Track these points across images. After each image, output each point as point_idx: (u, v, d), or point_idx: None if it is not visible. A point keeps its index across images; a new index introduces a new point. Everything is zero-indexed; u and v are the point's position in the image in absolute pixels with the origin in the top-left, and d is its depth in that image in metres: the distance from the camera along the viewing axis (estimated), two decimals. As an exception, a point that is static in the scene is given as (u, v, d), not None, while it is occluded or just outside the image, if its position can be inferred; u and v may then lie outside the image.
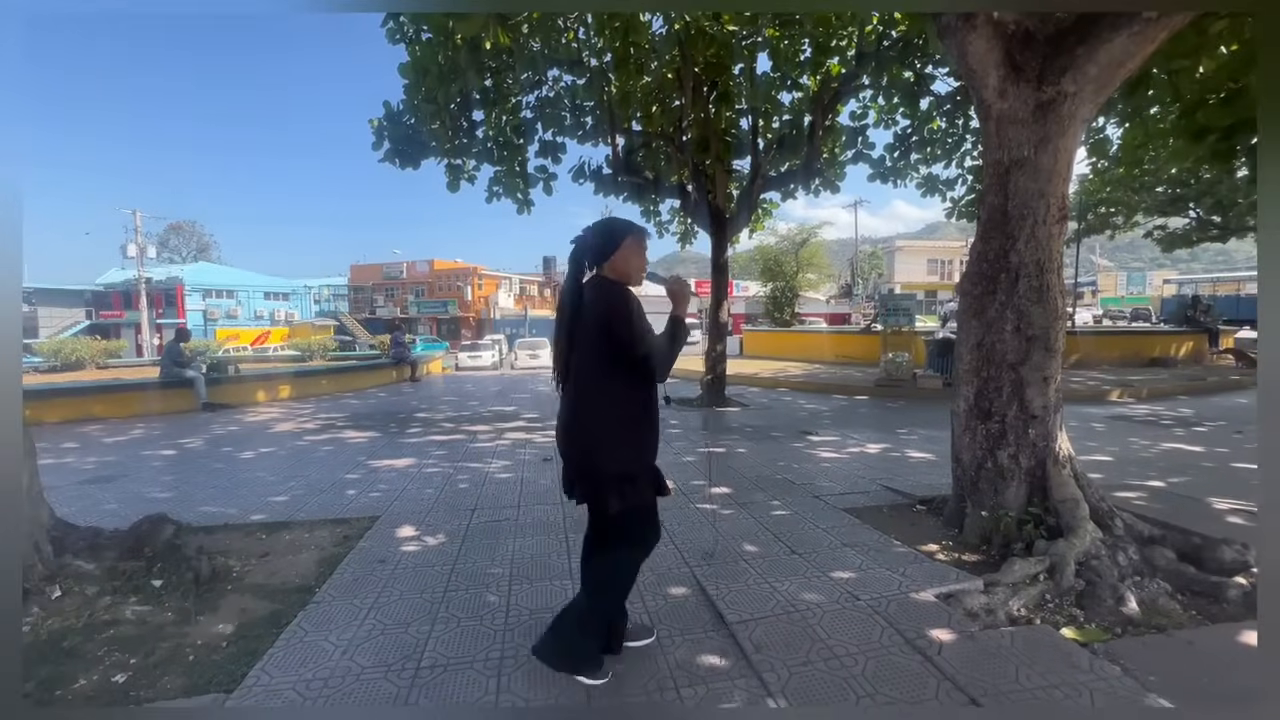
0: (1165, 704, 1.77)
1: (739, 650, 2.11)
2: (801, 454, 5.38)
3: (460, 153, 8.23)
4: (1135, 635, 2.18)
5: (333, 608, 2.51)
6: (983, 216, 3.14)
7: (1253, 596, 2.42)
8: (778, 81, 8.25)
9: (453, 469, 5.03)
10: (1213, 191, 11.74)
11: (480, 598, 2.60)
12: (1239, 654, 2.06)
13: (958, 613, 2.32)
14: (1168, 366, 12.13)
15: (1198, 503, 3.71)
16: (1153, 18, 2.54)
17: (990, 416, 3.07)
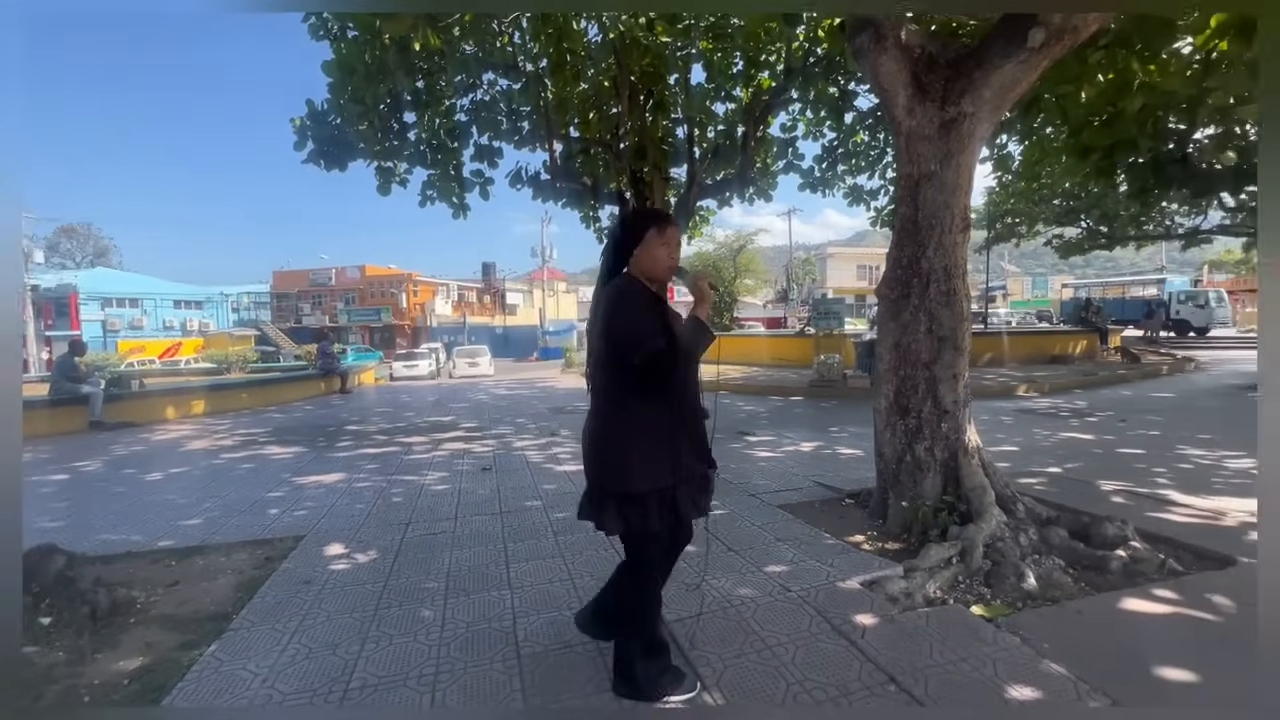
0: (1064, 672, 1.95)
1: (676, 648, 2.16)
2: (739, 454, 5.53)
3: (391, 155, 7.97)
4: (1033, 608, 2.39)
5: (252, 634, 2.36)
6: (897, 225, 3.36)
7: (1132, 567, 2.70)
8: (712, 92, 8.49)
9: (385, 483, 4.84)
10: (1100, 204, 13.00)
11: (414, 614, 2.52)
12: (1118, 619, 2.30)
13: (880, 598, 2.46)
14: (1066, 363, 13.31)
15: (1088, 485, 4.09)
16: (1036, 47, 2.81)
17: (908, 412, 3.28)
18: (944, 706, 1.78)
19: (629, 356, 1.63)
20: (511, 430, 7.47)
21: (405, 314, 42.87)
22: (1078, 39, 2.88)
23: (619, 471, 1.70)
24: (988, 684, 1.88)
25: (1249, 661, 1.98)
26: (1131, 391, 9.67)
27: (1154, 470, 4.54)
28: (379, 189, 8.17)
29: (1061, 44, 2.86)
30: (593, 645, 2.18)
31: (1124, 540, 2.85)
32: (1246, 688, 1.83)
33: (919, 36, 3.21)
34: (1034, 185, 11.84)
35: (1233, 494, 3.85)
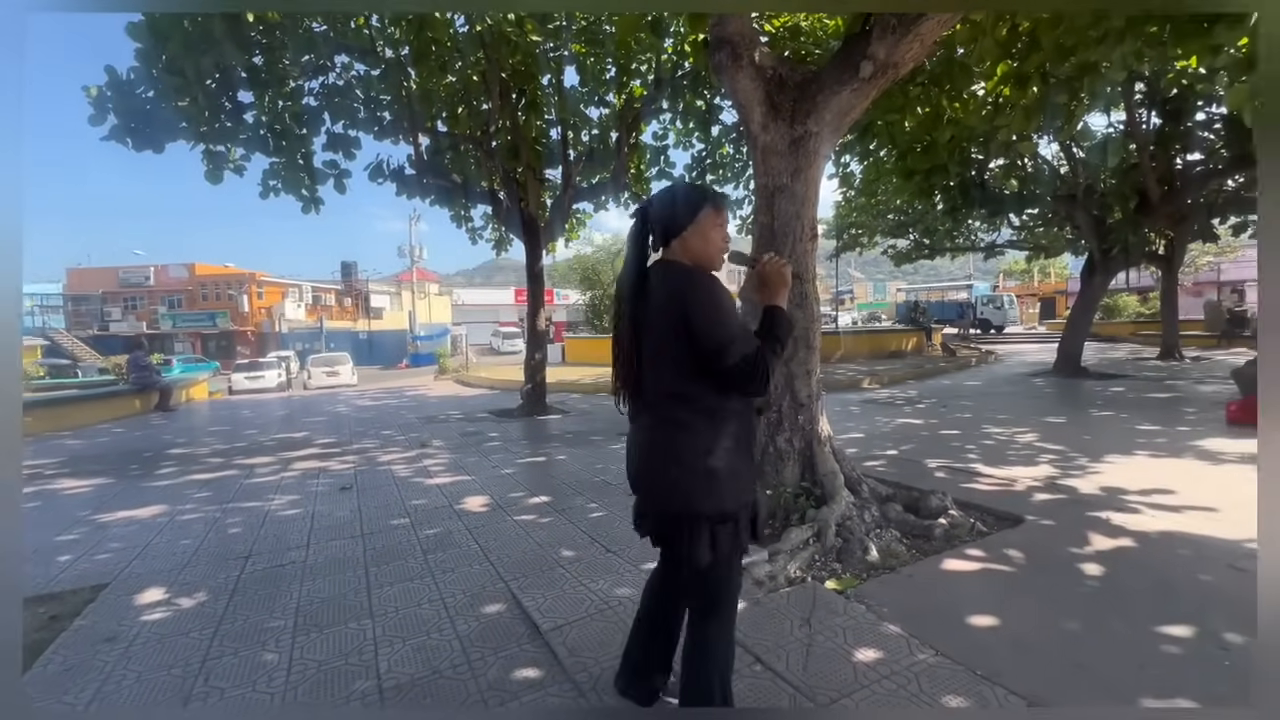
0: (899, 631, 2.20)
1: (553, 657, 2.11)
2: (619, 455, 5.59)
3: (223, 138, 6.99)
4: (875, 577, 2.68)
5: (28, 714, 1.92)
6: (756, 233, 3.60)
7: (951, 533, 3.13)
8: (585, 96, 8.52)
9: (220, 512, 4.23)
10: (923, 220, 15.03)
11: (254, 659, 2.22)
12: (940, 579, 2.65)
13: (747, 583, 2.61)
14: (900, 358, 15.22)
15: (918, 464, 4.69)
16: (866, 78, 3.16)
17: (769, 407, 3.52)
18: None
19: (725, 357, 1.40)
20: (376, 444, 6.90)
21: (248, 319, 37.96)
22: (898, 74, 3.29)
23: (712, 489, 1.44)
24: (839, 651, 2.07)
25: (1034, 601, 2.39)
26: (949, 381, 11.28)
27: (966, 447, 5.33)
28: (207, 176, 7.14)
29: (886, 77, 3.25)
30: (466, 669, 2.07)
31: (945, 510, 3.30)
32: (1037, 623, 2.21)
33: (771, 59, 3.47)
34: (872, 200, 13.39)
35: (1022, 464, 4.63)
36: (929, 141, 6.88)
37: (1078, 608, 2.35)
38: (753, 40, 3.38)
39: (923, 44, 3.15)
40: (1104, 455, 4.79)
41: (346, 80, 7.72)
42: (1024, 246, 17.46)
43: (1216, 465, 4.42)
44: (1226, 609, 2.28)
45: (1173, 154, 10.15)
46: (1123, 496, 3.71)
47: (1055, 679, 1.89)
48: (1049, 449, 5.13)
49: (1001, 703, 1.78)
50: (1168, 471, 4.27)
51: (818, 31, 6.81)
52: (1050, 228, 14.99)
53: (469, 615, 2.47)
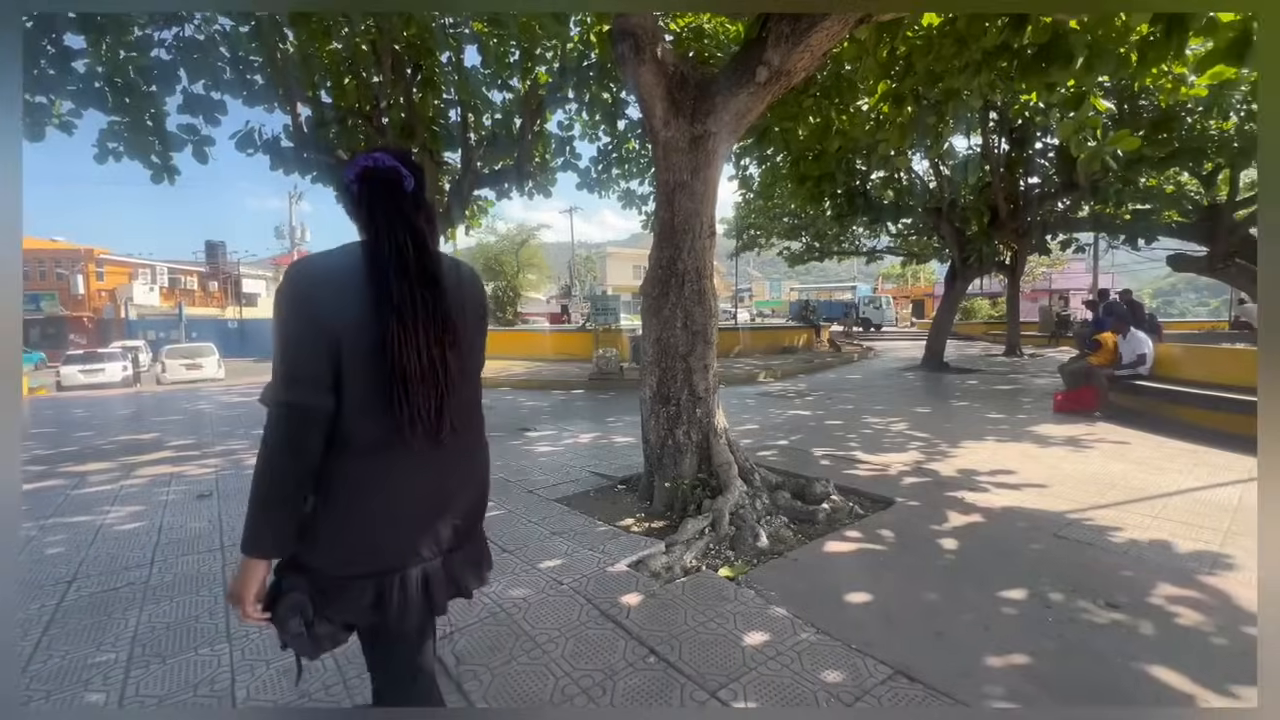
0: (786, 614, 2.30)
1: (441, 666, 2.00)
2: (519, 451, 5.45)
3: (44, 88, 5.92)
4: (764, 563, 2.81)
5: None
6: (657, 229, 3.63)
7: (833, 517, 3.36)
8: (488, 78, 8.16)
9: (35, 529, 3.58)
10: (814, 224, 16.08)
11: (74, 702, 1.89)
12: (823, 561, 2.83)
13: (644, 576, 2.64)
14: (792, 353, 16.20)
15: (806, 453, 5.00)
16: (761, 83, 3.28)
17: (669, 400, 3.58)
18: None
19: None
20: (245, 445, 6.21)
21: (84, 303, 32.72)
22: (791, 82, 3.45)
23: None
24: (729, 637, 2.14)
25: (902, 576, 2.62)
26: (835, 375, 12.17)
27: (848, 436, 5.76)
28: (27, 134, 6.02)
29: (780, 83, 3.39)
30: (340, 689, 1.90)
31: (827, 495, 3.53)
32: (904, 597, 2.42)
33: (673, 56, 3.50)
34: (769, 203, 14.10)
35: (895, 450, 5.08)
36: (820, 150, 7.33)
37: (937, 580, 2.60)
38: (656, 35, 3.38)
39: (813, 55, 3.31)
40: (960, 441, 5.38)
41: (208, 35, 6.81)
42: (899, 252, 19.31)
43: (1046, 448, 5.11)
44: (1052, 573, 2.63)
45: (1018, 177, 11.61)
46: (975, 477, 4.18)
47: (918, 647, 2.07)
48: (917, 436, 5.67)
49: (871, 672, 1.92)
50: (1010, 454, 4.88)
51: (720, 35, 7.00)
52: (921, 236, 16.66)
53: (346, 629, 2.27)
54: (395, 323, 1.07)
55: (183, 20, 6.63)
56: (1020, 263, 14.63)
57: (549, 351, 16.49)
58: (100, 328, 31.89)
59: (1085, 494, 3.77)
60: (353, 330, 1.07)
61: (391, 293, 1.08)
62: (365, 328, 1.07)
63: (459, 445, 1.21)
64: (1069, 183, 10.59)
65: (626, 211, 10.12)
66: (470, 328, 1.23)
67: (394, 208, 1.14)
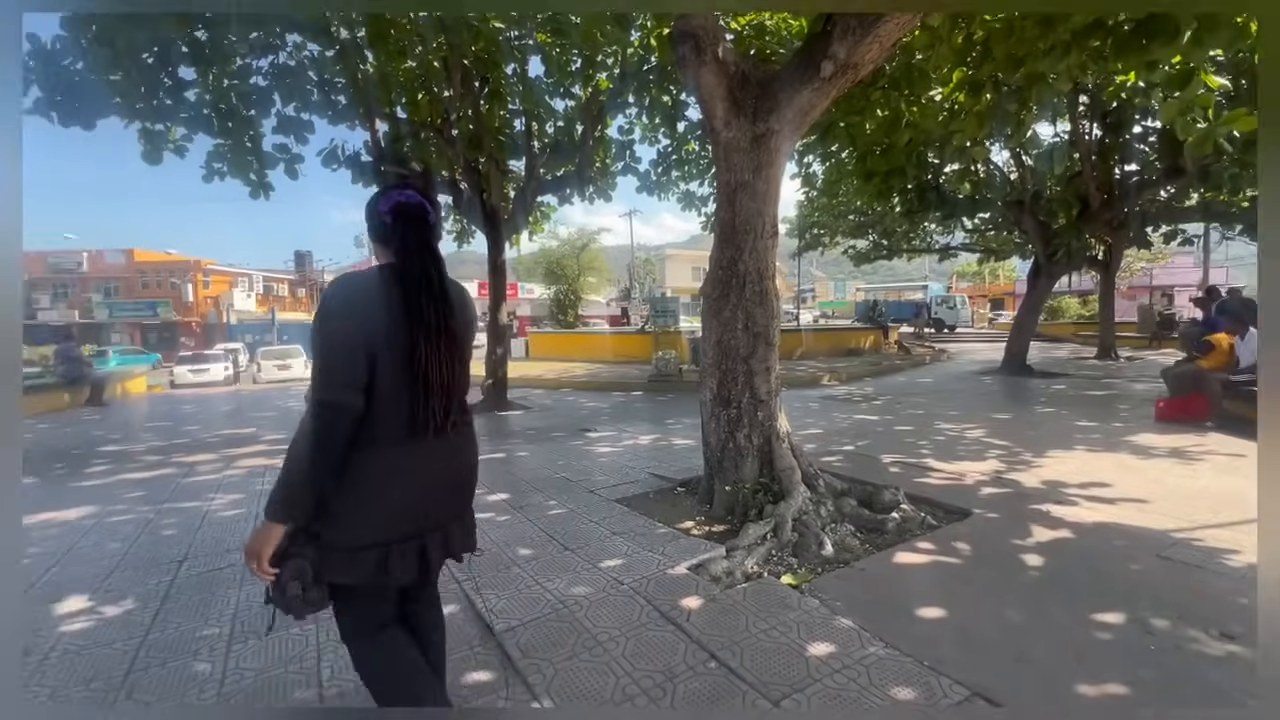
0: (852, 625, 2.23)
1: (506, 659, 2.06)
2: (580, 451, 5.54)
3: (161, 116, 6.61)
4: (829, 571, 2.72)
5: (-79, 735, 1.76)
6: (718, 230, 3.60)
7: (903, 527, 3.21)
8: (550, 87, 8.38)
9: (153, 513, 3.99)
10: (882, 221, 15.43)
11: (185, 669, 2.09)
12: (892, 572, 2.71)
13: (704, 580, 2.62)
14: (858, 355, 15.62)
15: (873, 459, 4.81)
16: (826, 77, 3.19)
17: (730, 403, 3.54)
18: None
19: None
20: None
21: (192, 309, 36.10)
22: (859, 75, 3.33)
23: None
24: (793, 646, 2.09)
25: (979, 592, 2.47)
26: (904, 378, 11.63)
27: (919, 443, 5.49)
28: (145, 156, 6.75)
29: (846, 77, 3.28)
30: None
31: (897, 504, 3.38)
32: (981, 615, 2.28)
33: (734, 55, 3.47)
34: (834, 201, 13.67)
35: (971, 459, 4.79)
36: (888, 144, 7.03)
37: (1019, 598, 2.43)
38: (716, 35, 3.36)
39: (881, 46, 3.19)
40: (1046, 450, 5.01)
41: (298, 60, 7.38)
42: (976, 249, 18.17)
43: (1147, 460, 4.67)
44: (1154, 597, 2.40)
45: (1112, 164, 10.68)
46: (1063, 489, 3.88)
47: (999, 669, 1.95)
48: (996, 444, 5.33)
49: (946, 692, 1.82)
50: (1103, 465, 4.49)
51: (782, 31, 6.87)
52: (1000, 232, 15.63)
53: (419, 618, 2.39)
54: (422, 336, 1.27)
55: (276, 49, 7.22)
56: (1116, 257, 13.45)
57: (608, 354, 16.69)
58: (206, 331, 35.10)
59: (1194, 511, 3.41)
60: (382, 341, 1.25)
61: (420, 311, 1.28)
62: (393, 339, 1.26)
63: (456, 435, 1.42)
64: (1173, 168, 9.63)
65: (686, 213, 10.11)
66: (466, 335, 1.44)
67: (422, 239, 1.34)
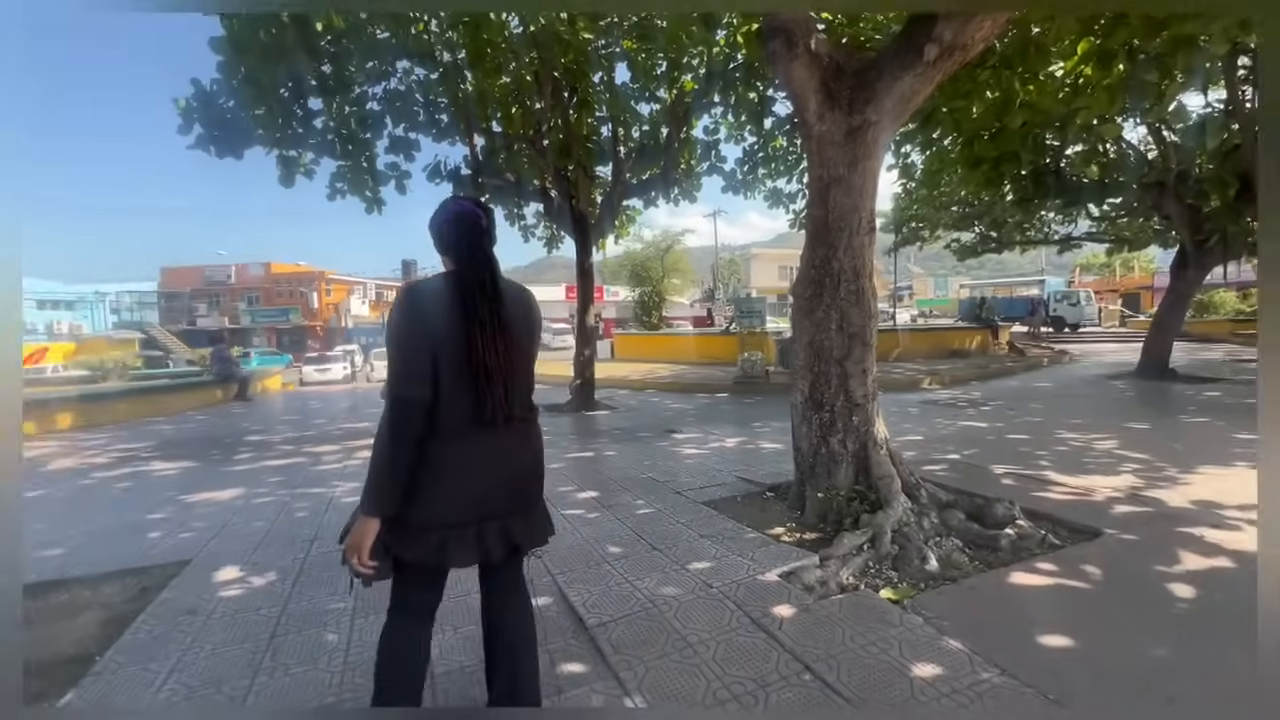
0: (960, 647, 2.07)
1: (598, 653, 2.12)
2: (666, 452, 5.57)
3: (295, 143, 7.40)
4: (934, 588, 2.54)
5: (117, 677, 2.09)
6: (810, 228, 3.48)
7: (1019, 544, 2.94)
8: (636, 92, 8.51)
9: (289, 496, 4.48)
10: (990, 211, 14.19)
11: (316, 638, 2.33)
12: (1007, 593, 2.49)
13: (797, 588, 2.54)
14: (963, 357, 14.47)
15: (982, 469, 4.44)
16: (930, 61, 2.99)
17: (822, 407, 3.41)
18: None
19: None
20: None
21: (317, 314, 40.16)
22: (967, 56, 3.10)
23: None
24: (894, 665, 1.98)
25: (1114, 623, 2.21)
26: (1018, 382, 10.64)
27: (1037, 453, 5.00)
28: (281, 179, 7.58)
29: (953, 60, 3.07)
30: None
31: (1012, 519, 3.10)
32: (1117, 648, 2.04)
33: (827, 46, 3.34)
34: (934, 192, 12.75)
35: (1101, 472, 4.30)
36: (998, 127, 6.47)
37: (1165, 633, 2.15)
38: (809, 28, 3.26)
39: (995, 22, 2.95)
40: (1196, 465, 4.39)
41: (407, 85, 8.00)
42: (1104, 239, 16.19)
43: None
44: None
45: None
46: (1219, 511, 3.38)
47: (1142, 712, 1.73)
48: (1132, 457, 4.74)
49: (1076, 731, 1.65)
50: (1272, 485, 3.86)
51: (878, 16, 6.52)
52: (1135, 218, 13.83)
53: (517, 607, 2.51)
54: (476, 335, 1.38)
55: (388, 75, 7.87)
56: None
57: (692, 355, 16.64)
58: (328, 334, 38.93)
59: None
60: (445, 339, 1.37)
61: (474, 311, 1.39)
62: (455, 337, 1.38)
63: (517, 426, 1.50)
64: (1367, 136, 8.08)
65: (772, 212, 9.86)
66: (527, 334, 1.52)
67: (477, 245, 1.47)
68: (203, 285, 41.54)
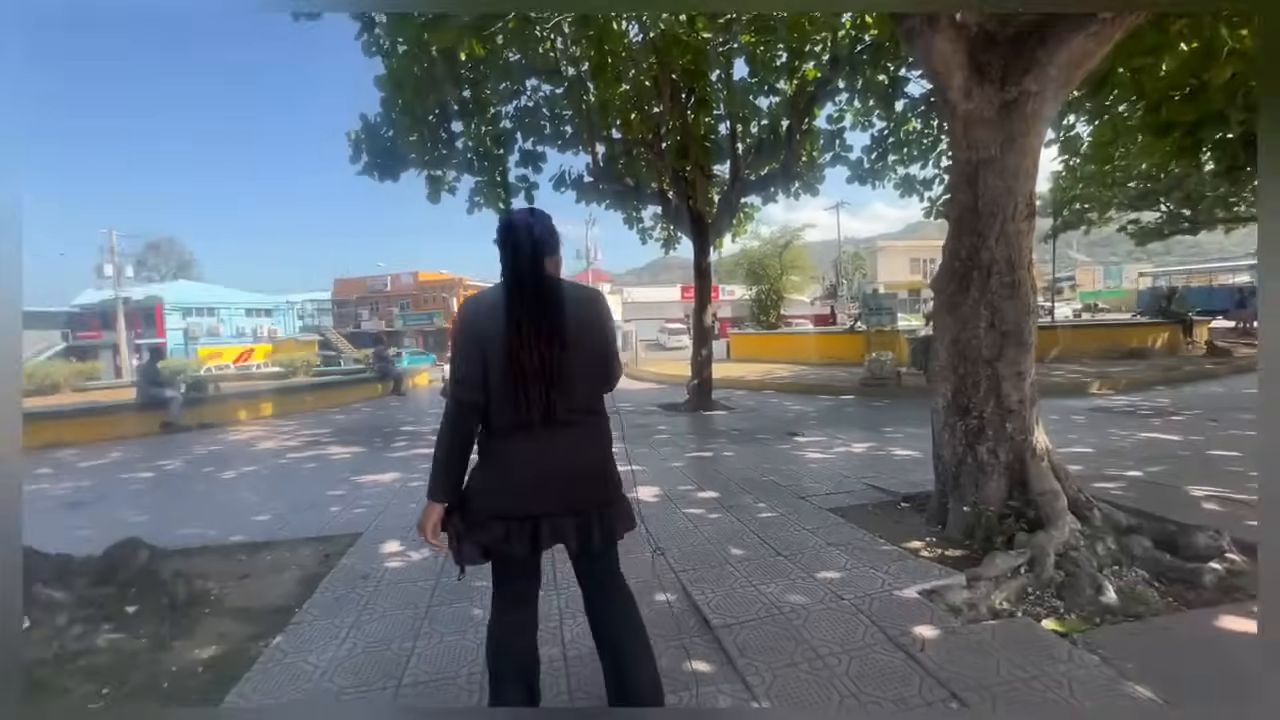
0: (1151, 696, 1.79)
1: (724, 655, 2.11)
2: (787, 455, 5.40)
3: (440, 164, 8.21)
4: (1114, 624, 2.20)
5: (313, 628, 2.47)
6: (953, 215, 3.18)
7: (1228, 581, 2.46)
8: (754, 86, 8.34)
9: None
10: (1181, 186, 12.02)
11: (465, 612, 2.57)
12: (1215, 638, 2.09)
13: (940, 608, 2.33)
14: (1144, 357, 12.36)
15: (1174, 491, 3.77)
16: (1109, 18, 2.60)
17: (969, 412, 3.10)
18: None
19: (617, 371, 1.66)
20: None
21: (456, 318, 44.20)
22: (1158, 6, 2.65)
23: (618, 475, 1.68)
24: (1064, 705, 1.75)
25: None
26: (1222, 388, 8.89)
27: (1250, 474, 4.14)
28: (429, 197, 8.44)
29: (1137, 14, 2.64)
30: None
31: (1218, 552, 2.60)
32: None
33: (975, 15, 3.03)
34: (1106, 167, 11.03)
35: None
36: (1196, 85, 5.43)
37: None
38: (953, -3, 2.98)
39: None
40: None
41: (535, 101, 8.54)
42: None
43: None
44: None
45: None
46: None
47: None
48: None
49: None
50: None
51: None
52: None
53: (641, 599, 2.56)
54: (517, 337, 1.45)
55: (519, 94, 8.46)
56: None
57: (813, 355, 15.94)
58: (465, 336, 42.67)
59: None
60: (495, 344, 1.46)
61: (515, 316, 1.46)
62: (501, 341, 1.46)
63: (573, 425, 1.52)
64: None
65: (902, 201, 9.17)
66: (583, 337, 1.53)
67: (522, 253, 1.51)
68: (366, 293, 47.54)
